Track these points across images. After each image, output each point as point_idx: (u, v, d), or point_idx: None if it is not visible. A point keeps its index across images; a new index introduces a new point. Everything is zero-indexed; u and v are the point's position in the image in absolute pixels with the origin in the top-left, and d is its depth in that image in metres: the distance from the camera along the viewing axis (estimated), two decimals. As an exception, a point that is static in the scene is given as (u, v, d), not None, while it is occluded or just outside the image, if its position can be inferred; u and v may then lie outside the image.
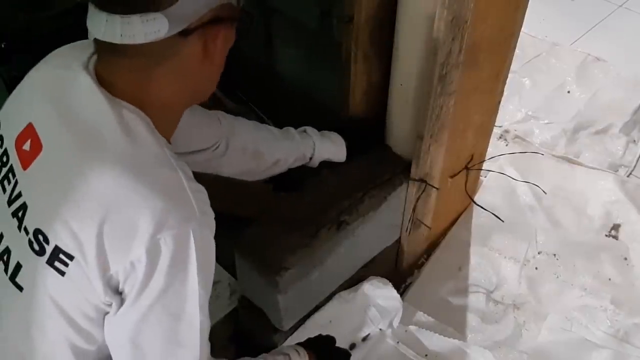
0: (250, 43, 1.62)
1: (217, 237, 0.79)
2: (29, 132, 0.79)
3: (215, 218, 0.80)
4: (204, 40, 0.79)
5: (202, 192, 0.78)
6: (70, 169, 0.75)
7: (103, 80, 0.78)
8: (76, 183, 0.73)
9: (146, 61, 0.77)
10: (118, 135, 0.74)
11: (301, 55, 1.47)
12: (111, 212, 0.71)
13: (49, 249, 0.74)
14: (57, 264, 0.74)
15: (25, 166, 0.78)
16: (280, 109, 1.70)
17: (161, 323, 0.76)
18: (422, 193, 1.34)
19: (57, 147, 0.77)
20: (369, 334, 1.35)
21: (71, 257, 0.73)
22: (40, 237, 0.75)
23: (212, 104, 1.85)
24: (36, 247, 0.75)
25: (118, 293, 0.75)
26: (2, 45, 1.45)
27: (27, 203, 0.77)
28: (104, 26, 0.74)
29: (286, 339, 1.27)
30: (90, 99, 0.77)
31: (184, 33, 0.76)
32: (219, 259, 1.46)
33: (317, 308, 1.31)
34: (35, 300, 0.78)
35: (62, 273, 0.74)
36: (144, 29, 0.73)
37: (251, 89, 1.77)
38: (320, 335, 1.18)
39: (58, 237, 0.74)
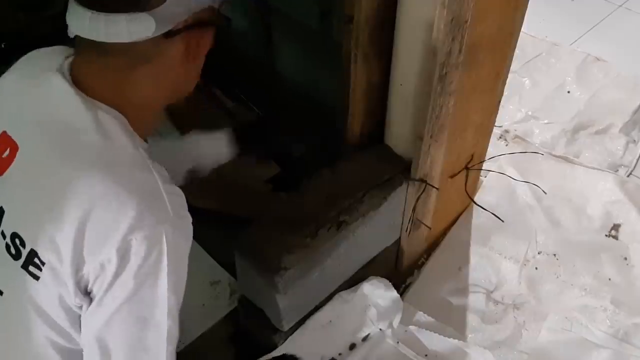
0: (250, 43, 1.62)
1: (217, 237, 0.79)
2: (4, 139, 0.79)
3: (215, 218, 0.80)
4: (187, 43, 0.79)
5: (179, 195, 0.78)
6: (47, 172, 0.75)
7: (78, 82, 0.78)
8: (52, 186, 0.73)
9: (128, 61, 0.77)
10: (94, 137, 0.74)
11: (301, 55, 1.47)
12: (87, 214, 0.71)
13: (24, 253, 0.74)
14: (31, 268, 0.74)
15: (1, 171, 0.78)
16: (280, 109, 1.70)
17: (127, 326, 0.75)
18: (422, 193, 1.34)
19: (33, 151, 0.77)
20: (369, 334, 1.35)
21: (45, 262, 0.73)
22: (17, 241, 0.75)
23: (211, 103, 1.86)
24: (13, 250, 0.75)
25: (87, 294, 0.74)
26: (2, 45, 1.46)
27: (4, 207, 0.77)
28: (87, 23, 0.73)
29: (286, 339, 1.27)
30: (65, 101, 0.76)
31: (168, 34, 0.76)
32: (219, 259, 1.47)
33: (317, 308, 1.31)
34: (15, 303, 0.77)
35: (37, 277, 0.74)
36: (129, 28, 0.73)
37: (251, 89, 1.77)
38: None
39: (34, 240, 0.73)
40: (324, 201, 1.23)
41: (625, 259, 1.63)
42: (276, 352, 1.26)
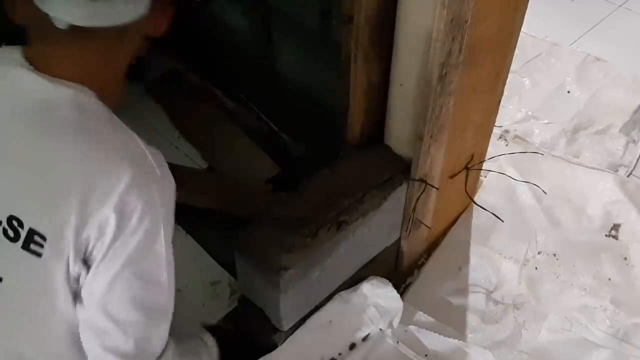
0: (250, 43, 1.62)
1: (217, 237, 0.79)
2: None
3: (215, 218, 0.82)
4: (160, 13, 0.82)
5: (159, 154, 0.81)
6: (35, 153, 0.76)
7: (40, 68, 0.79)
8: (45, 165, 0.75)
9: (109, 39, 0.79)
10: (72, 113, 0.76)
11: (301, 55, 1.47)
12: (86, 184, 0.73)
13: (23, 233, 0.75)
14: (32, 246, 0.75)
15: None
16: (280, 109, 1.70)
17: (131, 287, 0.77)
18: (422, 193, 1.34)
19: (13, 137, 0.78)
20: (369, 334, 1.35)
21: (46, 237, 0.74)
22: (15, 223, 0.75)
23: (211, 103, 1.86)
24: (10, 233, 0.76)
25: (85, 263, 0.75)
26: (2, 46, 1.45)
27: None
28: (84, 10, 0.74)
29: (286, 339, 1.27)
30: (34, 86, 0.78)
31: (150, 8, 0.79)
32: (219, 259, 1.47)
33: (317, 308, 1.31)
34: (16, 288, 0.78)
35: (39, 254, 0.75)
36: (127, 9, 0.76)
37: (251, 89, 1.77)
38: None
39: (34, 219, 0.74)
40: (324, 201, 1.23)
41: (625, 259, 1.63)
42: (275, 352, 1.27)
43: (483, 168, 1.62)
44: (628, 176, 1.86)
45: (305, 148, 1.67)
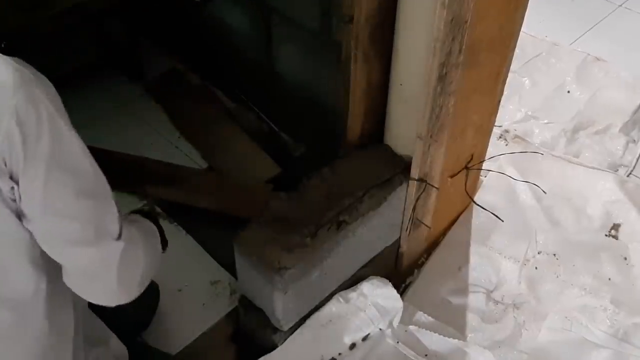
0: (251, 43, 1.62)
1: (217, 237, 0.79)
2: None
3: (215, 217, 0.81)
4: None
5: (19, 59, 0.81)
6: None
7: None
8: None
9: None
10: None
11: (301, 55, 1.48)
12: None
13: None
14: None
15: None
16: (280, 109, 1.70)
17: (64, 182, 0.79)
18: (422, 193, 1.34)
19: None
20: (369, 334, 1.35)
21: None
22: None
23: (212, 104, 1.86)
24: None
25: (11, 178, 0.77)
26: (2, 45, 1.46)
27: None
28: None
29: (286, 339, 1.27)
30: None
31: None
32: (219, 259, 1.47)
33: (317, 308, 1.31)
34: None
35: None
36: None
37: (251, 89, 1.77)
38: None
39: None
40: (324, 201, 1.23)
41: (625, 258, 1.63)
42: (275, 352, 1.27)
43: (483, 168, 1.62)
44: (628, 176, 1.86)
45: (305, 148, 1.67)
